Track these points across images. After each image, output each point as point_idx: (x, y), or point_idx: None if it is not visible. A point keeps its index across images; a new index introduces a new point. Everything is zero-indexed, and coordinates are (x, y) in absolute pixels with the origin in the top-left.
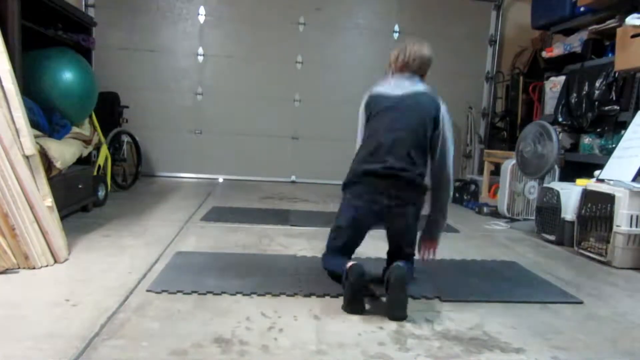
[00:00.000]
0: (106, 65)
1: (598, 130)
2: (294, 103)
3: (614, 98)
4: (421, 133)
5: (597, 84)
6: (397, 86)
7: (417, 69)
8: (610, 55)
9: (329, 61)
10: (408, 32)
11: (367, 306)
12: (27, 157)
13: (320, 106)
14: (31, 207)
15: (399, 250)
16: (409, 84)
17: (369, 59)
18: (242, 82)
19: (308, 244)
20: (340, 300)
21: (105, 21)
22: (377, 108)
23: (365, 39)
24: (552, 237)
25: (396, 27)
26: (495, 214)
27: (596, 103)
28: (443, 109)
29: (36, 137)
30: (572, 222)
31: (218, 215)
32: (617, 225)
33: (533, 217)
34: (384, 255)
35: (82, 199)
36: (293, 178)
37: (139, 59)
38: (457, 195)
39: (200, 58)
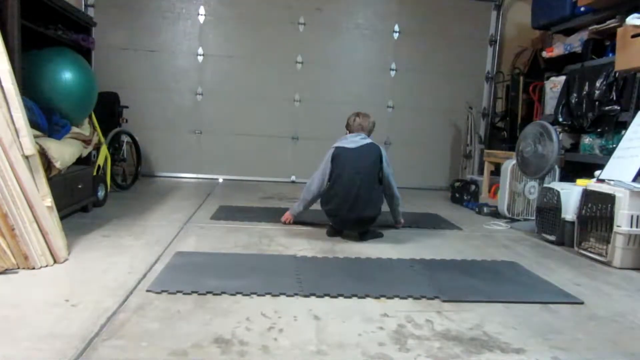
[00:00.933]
0: (106, 65)
1: (598, 130)
2: (294, 103)
3: (614, 98)
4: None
5: (598, 84)
6: (352, 142)
7: (362, 130)
8: (610, 55)
9: (329, 61)
10: (408, 32)
11: None
12: (26, 157)
13: (320, 106)
14: (31, 207)
15: None
16: (359, 139)
17: (369, 59)
18: (242, 82)
19: (308, 244)
20: (340, 301)
21: (105, 21)
22: (341, 157)
23: (365, 39)
24: (552, 237)
25: (396, 27)
26: (495, 214)
27: (596, 103)
28: (383, 152)
29: (36, 137)
30: (572, 222)
31: (218, 215)
32: (618, 226)
33: (533, 217)
34: (384, 256)
35: (82, 199)
36: (293, 178)
37: (139, 59)
38: (457, 195)
39: (200, 58)
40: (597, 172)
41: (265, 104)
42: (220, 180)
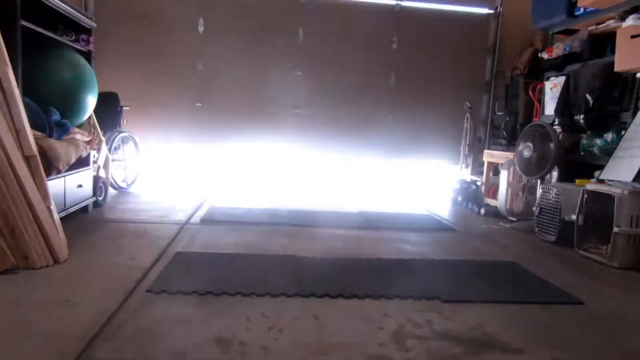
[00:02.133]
0: (105, 70)
1: (598, 130)
2: (294, 114)
3: (614, 98)
4: None
5: (597, 85)
6: None
7: None
8: (610, 55)
9: (327, 70)
10: (407, 43)
11: None
12: (27, 158)
13: (320, 119)
14: (31, 208)
15: None
16: None
17: (367, 70)
18: (242, 93)
19: (308, 244)
20: (339, 301)
21: (104, 30)
22: None
23: (364, 49)
24: (552, 238)
25: (394, 38)
26: (495, 214)
27: (596, 103)
28: None
29: (36, 137)
30: (572, 223)
31: (218, 215)
32: (617, 226)
33: (533, 218)
34: (384, 256)
35: (82, 199)
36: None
37: (138, 69)
38: (457, 195)
39: (200, 67)
40: (596, 173)
41: (265, 115)
42: (220, 181)
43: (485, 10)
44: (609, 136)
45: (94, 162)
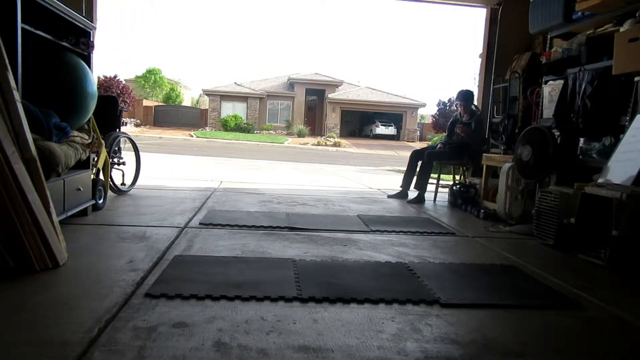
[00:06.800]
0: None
1: (596, 133)
2: None
3: (612, 102)
4: None
5: (595, 88)
6: None
7: None
8: (608, 59)
9: None
10: None
11: None
12: (26, 161)
13: None
14: (29, 211)
15: None
16: None
17: None
18: None
19: (307, 247)
20: (338, 304)
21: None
22: None
23: None
24: (551, 241)
25: None
26: (494, 217)
27: (594, 107)
28: None
29: (35, 140)
30: (571, 226)
31: (217, 218)
32: (616, 229)
33: (532, 221)
34: (383, 259)
35: (81, 202)
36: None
37: None
38: (456, 198)
39: None
40: (595, 176)
41: None
42: (220, 184)
43: (483, 14)
44: (607, 140)
45: (93, 165)
